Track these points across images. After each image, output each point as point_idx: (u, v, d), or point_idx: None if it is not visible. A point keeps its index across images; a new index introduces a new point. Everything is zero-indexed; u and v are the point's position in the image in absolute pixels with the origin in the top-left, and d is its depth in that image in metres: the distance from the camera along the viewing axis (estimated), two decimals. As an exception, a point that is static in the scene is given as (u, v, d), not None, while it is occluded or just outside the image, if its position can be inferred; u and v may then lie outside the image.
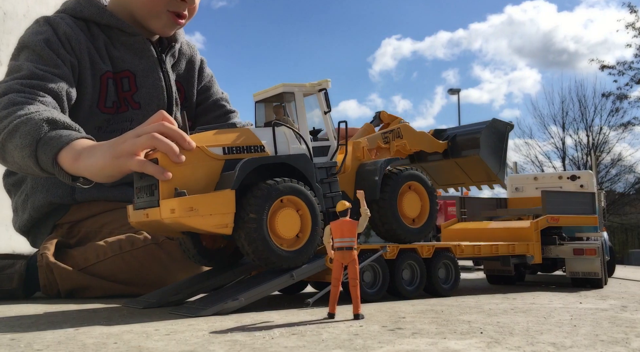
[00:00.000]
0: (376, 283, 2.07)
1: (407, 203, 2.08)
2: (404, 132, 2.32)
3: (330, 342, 1.17)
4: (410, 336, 1.25)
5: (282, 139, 1.81)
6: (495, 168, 2.49)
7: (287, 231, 1.69)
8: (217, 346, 1.13)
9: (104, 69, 2.31)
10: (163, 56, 2.49)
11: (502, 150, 2.52)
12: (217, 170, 1.67)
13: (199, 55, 2.78)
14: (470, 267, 5.23)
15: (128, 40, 2.38)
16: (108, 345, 1.15)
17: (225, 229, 1.61)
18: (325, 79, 1.93)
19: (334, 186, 1.90)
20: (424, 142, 2.41)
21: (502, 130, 2.55)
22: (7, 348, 1.12)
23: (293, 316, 1.59)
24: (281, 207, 1.68)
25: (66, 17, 2.31)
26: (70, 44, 2.23)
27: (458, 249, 2.40)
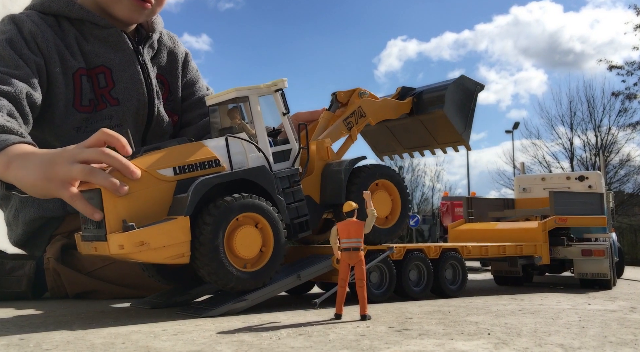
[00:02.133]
0: (383, 284, 2.07)
1: (377, 202, 1.94)
2: (367, 109, 2.17)
3: (337, 343, 1.17)
4: (417, 337, 1.25)
5: (239, 149, 1.70)
6: (460, 127, 2.34)
7: (247, 251, 1.59)
8: (224, 346, 1.13)
9: (76, 66, 2.19)
10: (140, 48, 2.35)
11: (469, 109, 2.37)
12: (169, 193, 1.56)
13: (182, 47, 2.61)
14: (478, 268, 5.21)
15: (101, 33, 2.24)
16: (116, 345, 1.15)
17: (181, 258, 1.51)
18: (281, 78, 1.82)
19: (297, 193, 1.79)
20: (389, 110, 2.27)
21: (471, 89, 2.40)
22: (17, 348, 1.13)
23: (300, 317, 1.59)
24: (239, 226, 1.58)
25: (33, 14, 2.21)
26: (36, 43, 2.10)
27: (465, 249, 2.39)
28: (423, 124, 2.35)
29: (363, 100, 2.16)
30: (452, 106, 2.29)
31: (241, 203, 1.57)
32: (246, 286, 1.62)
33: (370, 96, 2.22)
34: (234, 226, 1.57)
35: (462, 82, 2.36)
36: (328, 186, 1.88)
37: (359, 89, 2.19)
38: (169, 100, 2.55)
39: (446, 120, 2.27)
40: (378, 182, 1.98)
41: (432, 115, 2.29)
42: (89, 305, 1.98)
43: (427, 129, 2.36)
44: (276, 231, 1.65)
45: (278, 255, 1.67)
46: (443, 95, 2.27)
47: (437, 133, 2.37)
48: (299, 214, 1.80)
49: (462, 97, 2.34)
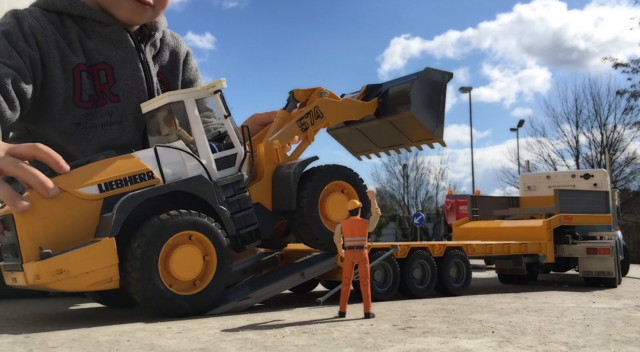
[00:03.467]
0: (387, 282, 2.07)
1: (334, 206, 1.81)
2: (324, 109, 2.01)
3: (341, 341, 1.17)
4: (421, 335, 1.25)
5: (175, 158, 1.59)
6: (430, 124, 2.17)
7: (186, 272, 1.48)
8: (228, 344, 1.14)
9: (76, 62, 2.19)
10: (142, 46, 2.34)
11: (439, 103, 2.20)
12: (94, 212, 1.44)
13: (184, 46, 2.61)
14: (482, 267, 5.20)
15: (104, 31, 2.24)
16: (121, 342, 1.16)
17: (109, 283, 1.39)
18: (219, 79, 1.72)
19: (243, 201, 1.67)
20: (350, 111, 2.12)
21: (439, 80, 2.22)
22: (23, 345, 1.13)
23: (304, 315, 1.59)
24: (177, 245, 1.47)
25: (36, 10, 2.22)
26: (35, 38, 2.11)
27: (469, 248, 2.39)
28: (393, 125, 2.21)
29: (321, 100, 2.01)
30: (419, 104, 2.14)
31: (178, 221, 1.47)
32: (186, 311, 1.49)
33: (330, 96, 2.09)
34: (171, 246, 1.46)
35: (427, 76, 2.19)
36: (278, 191, 1.74)
37: (319, 89, 2.05)
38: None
39: (415, 119, 2.12)
40: (335, 183, 1.83)
41: (399, 115, 2.15)
42: (94, 303, 1.99)
43: (398, 129, 2.22)
44: (219, 248, 1.54)
45: (221, 275, 1.54)
46: (408, 94, 2.11)
47: (409, 132, 2.23)
48: (246, 224, 1.67)
49: (429, 91, 2.18)
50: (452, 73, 2.26)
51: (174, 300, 1.45)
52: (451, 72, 2.26)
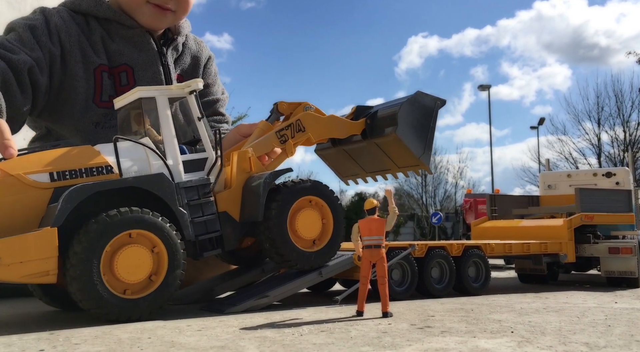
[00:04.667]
0: (405, 281, 2.07)
1: (304, 222, 1.72)
2: (307, 123, 1.93)
3: (358, 340, 1.18)
4: (439, 335, 1.25)
5: (139, 155, 1.53)
6: (417, 149, 2.06)
7: (132, 273, 1.39)
8: (247, 342, 1.15)
9: (97, 62, 2.23)
10: (164, 49, 2.38)
11: (428, 129, 2.11)
12: (42, 202, 1.36)
13: (207, 51, 2.63)
14: (502, 266, 5.15)
15: (127, 33, 2.28)
16: (142, 340, 1.18)
17: (45, 277, 1.30)
18: (195, 79, 1.67)
19: (207, 207, 1.59)
20: (334, 128, 2.03)
21: (430, 106, 2.14)
22: (47, 342, 1.16)
23: (321, 314, 1.60)
24: (126, 244, 1.39)
25: (63, 10, 2.29)
26: (59, 36, 2.16)
27: (488, 247, 2.37)
28: (379, 147, 2.12)
29: (304, 114, 1.95)
30: (407, 127, 2.05)
31: (126, 218, 1.37)
32: (125, 314, 1.39)
33: (316, 111, 2.00)
34: (118, 244, 1.38)
35: (418, 100, 2.11)
36: (246, 200, 1.66)
37: (305, 103, 1.99)
38: None
39: (401, 143, 2.03)
40: (309, 199, 1.74)
41: (386, 138, 2.05)
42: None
43: (384, 153, 2.13)
44: (172, 251, 1.44)
45: (171, 279, 1.45)
46: (395, 116, 2.03)
47: (395, 156, 2.12)
48: (207, 230, 1.58)
49: (419, 115, 2.10)
50: (445, 100, 2.18)
51: (112, 301, 1.36)
52: (444, 99, 2.18)
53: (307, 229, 1.72)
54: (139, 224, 1.39)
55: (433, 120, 2.13)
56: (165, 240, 1.43)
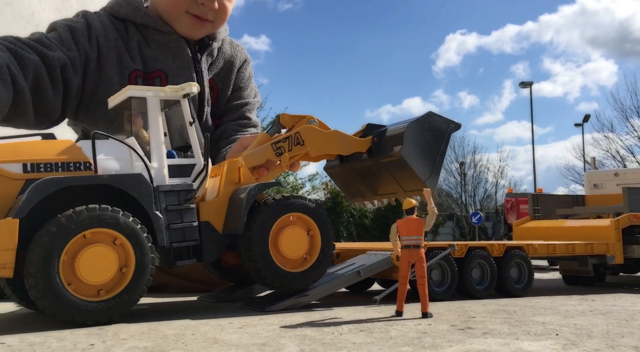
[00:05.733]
0: (444, 282, 2.04)
1: (288, 240, 1.62)
2: (306, 137, 1.83)
3: (398, 340, 1.17)
4: (480, 336, 1.23)
5: (123, 154, 1.47)
6: (423, 173, 1.92)
7: (95, 275, 1.32)
8: (287, 340, 1.17)
9: (133, 67, 2.30)
10: (198, 55, 2.40)
11: (437, 152, 1.97)
12: (12, 193, 1.31)
13: (242, 55, 2.67)
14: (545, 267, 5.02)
15: (163, 39, 2.36)
16: (186, 336, 1.21)
17: (2, 270, 1.25)
18: (189, 83, 1.62)
19: (187, 214, 1.51)
20: (337, 144, 1.91)
21: (442, 128, 2.00)
22: (97, 337, 1.21)
23: (360, 313, 1.60)
24: (88, 245, 1.32)
25: (104, 15, 2.36)
26: (97, 40, 2.25)
27: (531, 248, 2.32)
28: (386, 168, 2.00)
29: (304, 127, 1.84)
30: (413, 148, 1.91)
31: (91, 216, 1.30)
32: (87, 317, 1.32)
33: (320, 126, 1.89)
34: (82, 243, 1.32)
35: (428, 121, 1.98)
36: (230, 212, 1.58)
37: (309, 117, 1.88)
38: (214, 106, 2.59)
39: (406, 164, 1.90)
40: (296, 216, 1.64)
41: (391, 158, 1.93)
42: (160, 298, 2.08)
43: (390, 174, 2.00)
44: (140, 256, 1.36)
45: (139, 280, 1.40)
46: (402, 135, 1.90)
47: (400, 178, 1.99)
48: (184, 238, 1.50)
49: (428, 138, 1.96)
50: (460, 124, 2.04)
51: (77, 303, 1.31)
52: (458, 123, 2.04)
53: (291, 248, 1.62)
54: (102, 223, 1.33)
55: (444, 143, 2.00)
56: (129, 236, 1.36)
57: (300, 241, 1.63)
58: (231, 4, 2.39)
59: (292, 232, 1.62)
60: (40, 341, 1.15)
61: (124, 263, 1.37)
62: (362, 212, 20.80)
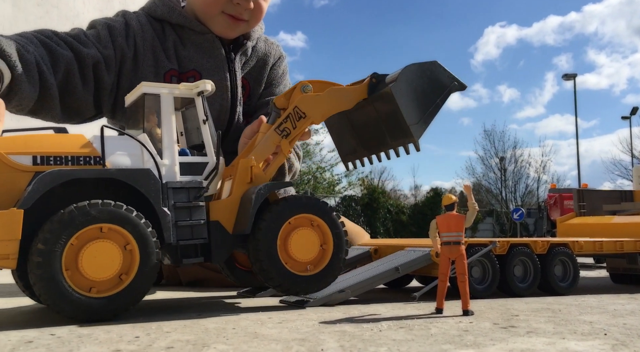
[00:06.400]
0: (485, 279, 2.00)
1: (298, 242, 1.57)
2: (305, 107, 1.72)
3: (439, 338, 1.16)
4: (524, 335, 1.20)
5: (135, 150, 1.46)
6: (410, 116, 1.78)
7: (98, 271, 1.31)
8: (327, 336, 1.17)
9: (168, 67, 2.32)
10: (232, 55, 2.41)
11: (432, 104, 1.83)
12: (21, 185, 1.30)
13: (276, 52, 2.62)
14: (591, 265, 4.86)
15: (198, 39, 2.34)
16: (227, 330, 1.23)
17: (5, 261, 1.25)
18: (204, 80, 1.58)
19: (196, 211, 1.49)
20: (339, 101, 1.79)
21: (444, 82, 1.87)
22: (141, 329, 1.24)
23: (400, 310, 1.59)
24: (91, 240, 1.31)
25: (142, 15, 2.40)
26: (135, 39, 2.25)
27: (577, 245, 2.25)
28: (375, 111, 1.86)
29: (300, 99, 1.72)
30: (406, 88, 1.78)
31: (93, 211, 1.30)
32: (90, 315, 1.31)
33: (317, 86, 1.76)
34: (87, 237, 1.31)
35: (431, 69, 1.86)
36: (240, 212, 1.55)
37: (300, 84, 1.76)
38: (246, 104, 2.59)
39: (393, 100, 1.76)
40: (306, 217, 1.58)
41: (381, 95, 1.80)
42: (200, 293, 2.12)
43: (379, 117, 1.87)
44: (145, 252, 1.35)
45: (143, 277, 1.36)
46: (398, 73, 1.80)
47: (387, 123, 1.85)
48: (192, 236, 1.47)
49: (427, 86, 1.84)
50: (465, 86, 1.90)
51: (75, 297, 1.29)
52: (464, 84, 1.89)
53: (302, 250, 1.57)
54: (112, 218, 1.32)
55: (442, 98, 1.84)
56: (137, 235, 1.34)
57: (311, 243, 1.58)
58: (266, 3, 2.39)
59: (302, 234, 1.57)
60: (87, 333, 1.19)
61: (129, 259, 1.35)
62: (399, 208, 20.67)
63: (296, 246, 1.56)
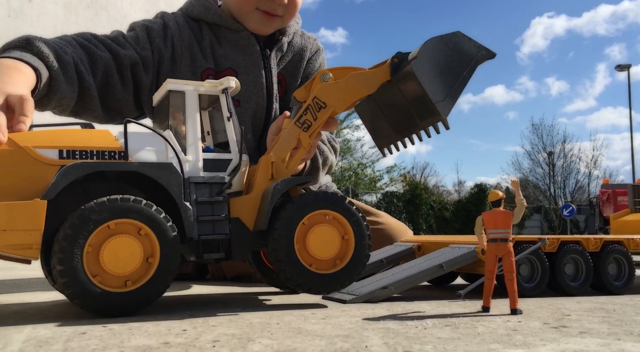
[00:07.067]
0: (534, 277, 1.94)
1: (317, 240, 1.51)
2: (325, 97, 1.64)
3: (486, 337, 1.13)
4: (577, 335, 1.15)
5: (160, 146, 1.46)
6: (435, 93, 1.65)
7: (120, 266, 1.32)
8: (370, 332, 1.16)
9: (205, 66, 2.33)
10: (267, 51, 2.41)
11: (459, 77, 1.69)
12: (47, 178, 1.32)
13: (313, 45, 2.60)
14: (647, 264, 4.63)
15: (233, 37, 2.34)
16: (271, 325, 1.24)
17: (29, 251, 1.26)
18: (228, 77, 1.56)
19: (218, 207, 1.48)
20: (360, 87, 1.68)
21: (470, 52, 1.71)
22: (188, 322, 1.27)
23: (444, 307, 1.56)
24: (112, 236, 1.32)
25: (180, 15, 2.43)
26: (172, 40, 2.31)
27: (632, 242, 2.15)
28: (401, 92, 1.74)
29: (319, 88, 1.65)
30: (428, 64, 1.66)
31: (113, 207, 1.31)
32: (114, 308, 1.32)
33: (335, 75, 1.67)
34: (108, 232, 1.32)
35: (454, 40, 1.70)
36: (260, 209, 1.52)
37: (319, 73, 1.67)
38: (282, 100, 2.57)
39: (415, 78, 1.63)
40: (325, 213, 1.53)
41: (403, 75, 1.68)
42: (244, 288, 2.15)
43: (405, 99, 1.75)
44: (165, 247, 1.36)
45: (162, 274, 1.36)
46: (419, 49, 1.67)
47: (413, 103, 1.72)
48: (214, 231, 1.47)
49: (451, 59, 1.70)
50: (494, 53, 1.75)
51: (98, 292, 1.30)
52: (493, 52, 1.74)
53: (321, 248, 1.51)
54: (131, 213, 1.32)
55: (469, 70, 1.70)
56: (157, 230, 1.34)
57: (331, 240, 1.52)
58: None
59: (322, 230, 1.52)
60: (137, 326, 1.23)
61: (149, 254, 1.36)
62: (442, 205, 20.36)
63: (315, 243, 1.51)
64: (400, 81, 1.73)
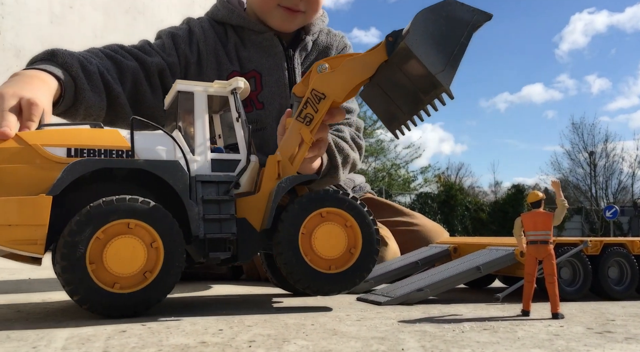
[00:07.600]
0: (576, 281, 1.88)
1: (324, 238, 1.47)
2: (322, 87, 1.57)
3: (527, 341, 1.10)
4: (623, 341, 1.11)
5: (168, 146, 1.45)
6: (433, 65, 1.58)
7: (123, 266, 1.31)
8: (407, 335, 1.14)
9: (230, 69, 2.34)
10: (290, 51, 2.40)
11: (456, 44, 1.62)
12: (54, 175, 1.31)
13: (341, 42, 2.56)
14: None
15: (257, 38, 2.35)
16: (306, 326, 1.24)
17: (33, 246, 1.25)
18: (236, 78, 1.54)
19: (225, 206, 1.45)
20: (357, 72, 1.62)
21: (465, 18, 1.63)
22: (224, 322, 1.28)
23: (482, 311, 1.53)
24: (120, 234, 1.31)
25: (205, 20, 2.46)
26: (198, 45, 2.34)
27: (682, 245, 2.05)
28: (400, 70, 1.68)
29: (315, 80, 1.59)
30: (422, 37, 1.59)
31: (119, 206, 1.30)
32: (117, 309, 1.30)
33: (332, 65, 1.61)
34: (113, 232, 1.31)
35: (446, 8, 1.62)
36: (266, 209, 1.49)
37: (315, 65, 1.61)
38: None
39: (411, 54, 1.57)
40: (329, 211, 1.48)
41: (398, 52, 1.59)
42: (279, 288, 2.16)
43: (405, 77, 1.68)
44: (169, 246, 1.34)
45: (168, 273, 1.34)
46: (410, 24, 1.61)
47: (414, 79, 1.66)
48: (221, 230, 1.44)
49: (445, 27, 1.62)
50: (490, 15, 1.65)
51: (103, 292, 1.29)
52: (489, 14, 1.65)
53: (328, 246, 1.47)
54: (134, 214, 1.31)
55: (466, 35, 1.62)
56: (160, 229, 1.33)
57: (337, 239, 1.48)
58: None
59: (326, 230, 1.48)
60: (175, 325, 1.25)
61: (153, 254, 1.34)
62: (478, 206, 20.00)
63: (321, 243, 1.47)
64: (398, 60, 1.66)
